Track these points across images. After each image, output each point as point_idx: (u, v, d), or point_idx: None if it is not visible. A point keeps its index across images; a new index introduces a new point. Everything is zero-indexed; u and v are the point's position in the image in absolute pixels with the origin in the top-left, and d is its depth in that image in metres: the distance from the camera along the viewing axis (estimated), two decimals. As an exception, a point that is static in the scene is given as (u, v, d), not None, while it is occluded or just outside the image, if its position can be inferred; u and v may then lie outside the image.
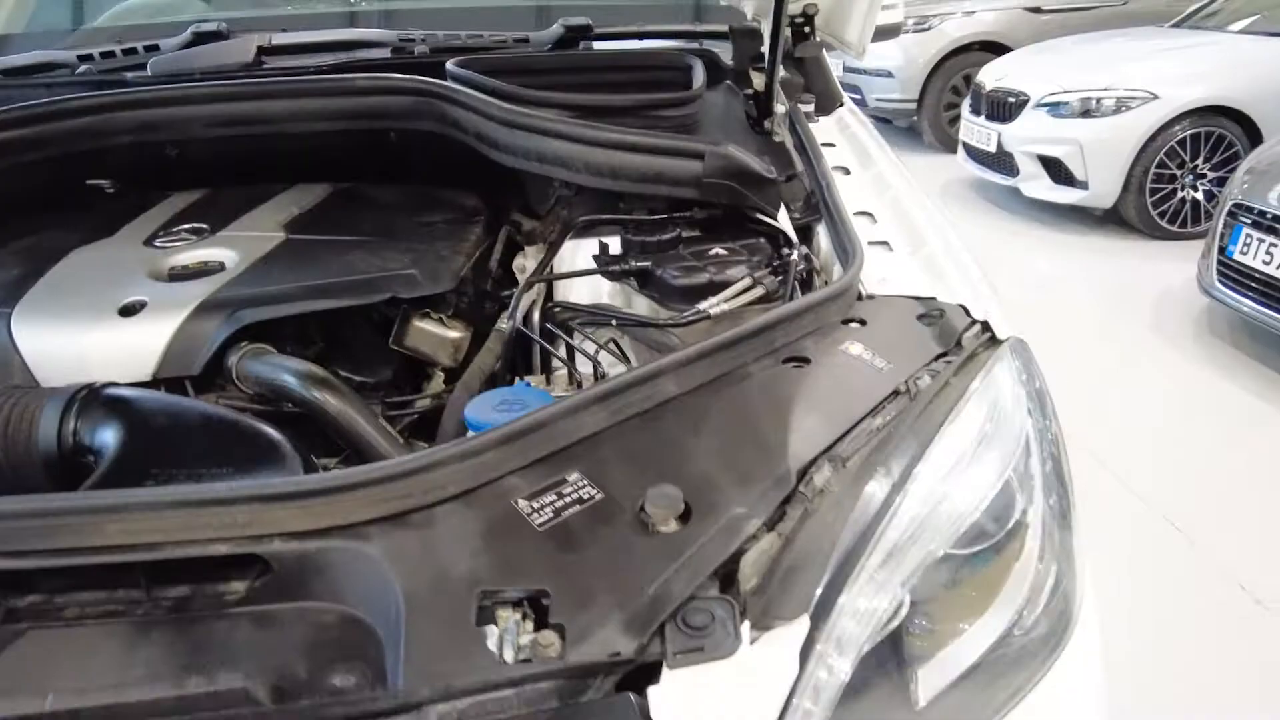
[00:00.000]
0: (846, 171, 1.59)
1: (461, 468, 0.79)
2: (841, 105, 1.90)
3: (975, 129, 6.19)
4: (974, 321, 1.07)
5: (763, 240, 1.36)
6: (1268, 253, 3.63)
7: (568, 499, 0.79)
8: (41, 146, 1.55)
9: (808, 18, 1.71)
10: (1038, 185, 5.73)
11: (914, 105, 7.94)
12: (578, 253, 1.45)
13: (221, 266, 1.33)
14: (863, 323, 1.07)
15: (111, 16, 2.33)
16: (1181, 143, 5.29)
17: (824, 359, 0.99)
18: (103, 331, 1.20)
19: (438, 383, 1.40)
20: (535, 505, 0.78)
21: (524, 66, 1.67)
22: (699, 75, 1.62)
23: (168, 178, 1.68)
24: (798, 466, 0.81)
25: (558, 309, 1.28)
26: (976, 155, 6.28)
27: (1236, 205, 3.86)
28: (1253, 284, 3.71)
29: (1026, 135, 5.68)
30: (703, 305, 1.16)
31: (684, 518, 0.76)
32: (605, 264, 1.36)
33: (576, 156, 1.38)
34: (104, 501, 0.75)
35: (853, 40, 1.71)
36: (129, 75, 1.76)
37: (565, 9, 1.97)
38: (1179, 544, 2.78)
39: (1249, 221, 3.76)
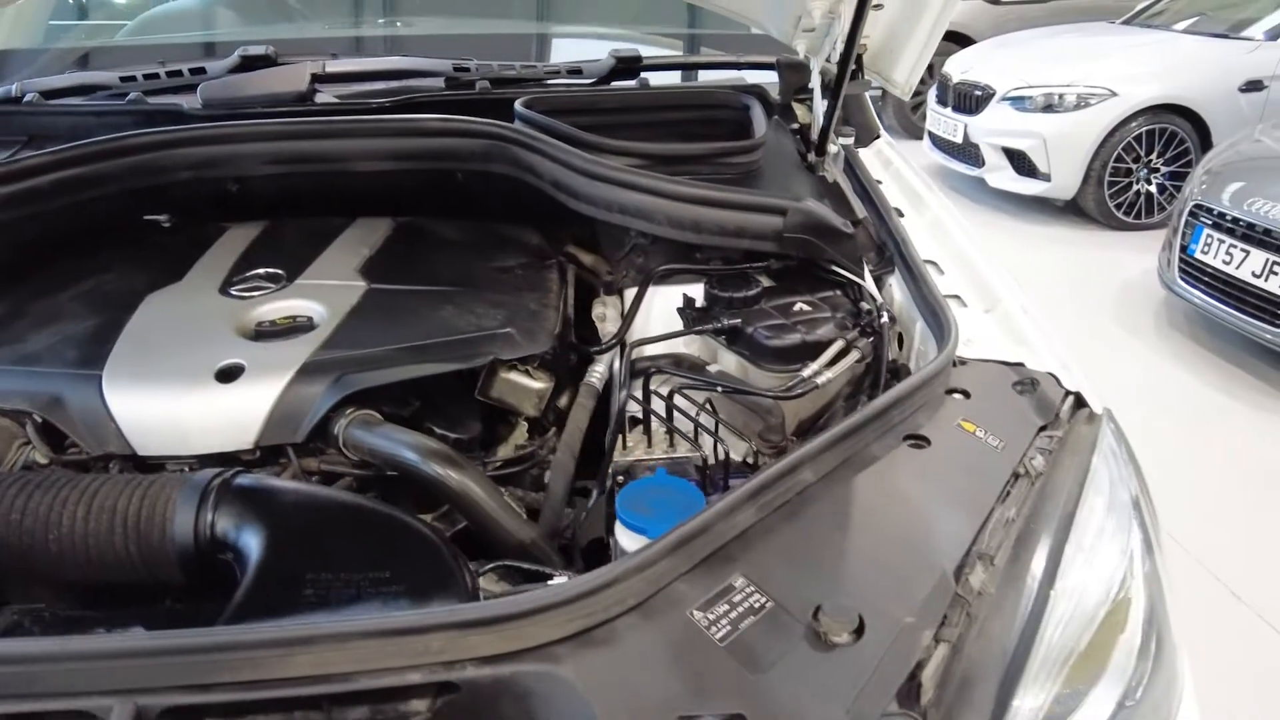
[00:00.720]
0: (900, 214, 1.64)
1: (639, 579, 0.81)
2: (879, 137, 1.95)
3: (942, 120, 6.33)
4: (1068, 393, 1.14)
5: (839, 292, 1.41)
6: (1228, 253, 3.83)
7: (739, 608, 0.81)
8: (102, 183, 1.51)
9: (857, 57, 1.75)
10: (1002, 176, 5.90)
11: (879, 93, 8.04)
12: (654, 301, 1.48)
13: (310, 322, 1.32)
14: (966, 394, 1.13)
15: (135, 30, 2.25)
16: (1138, 138, 5.51)
17: (941, 438, 1.04)
18: (201, 397, 1.18)
19: (521, 433, 1.42)
20: (711, 616, 0.80)
21: (588, 105, 1.67)
22: (760, 120, 1.66)
23: (225, 211, 1.65)
24: (951, 566, 0.86)
25: (653, 369, 1.30)
26: (942, 145, 6.42)
27: (1198, 206, 4.06)
28: (1214, 283, 3.92)
29: (992, 128, 5.84)
30: (806, 373, 1.21)
31: (858, 630, 0.79)
32: (692, 319, 1.40)
33: (659, 210, 1.40)
34: (296, 634, 0.74)
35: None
36: (182, 104, 1.71)
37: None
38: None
39: (1210, 223, 3.96)
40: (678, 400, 1.29)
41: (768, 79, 1.92)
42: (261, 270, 1.44)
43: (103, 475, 1.04)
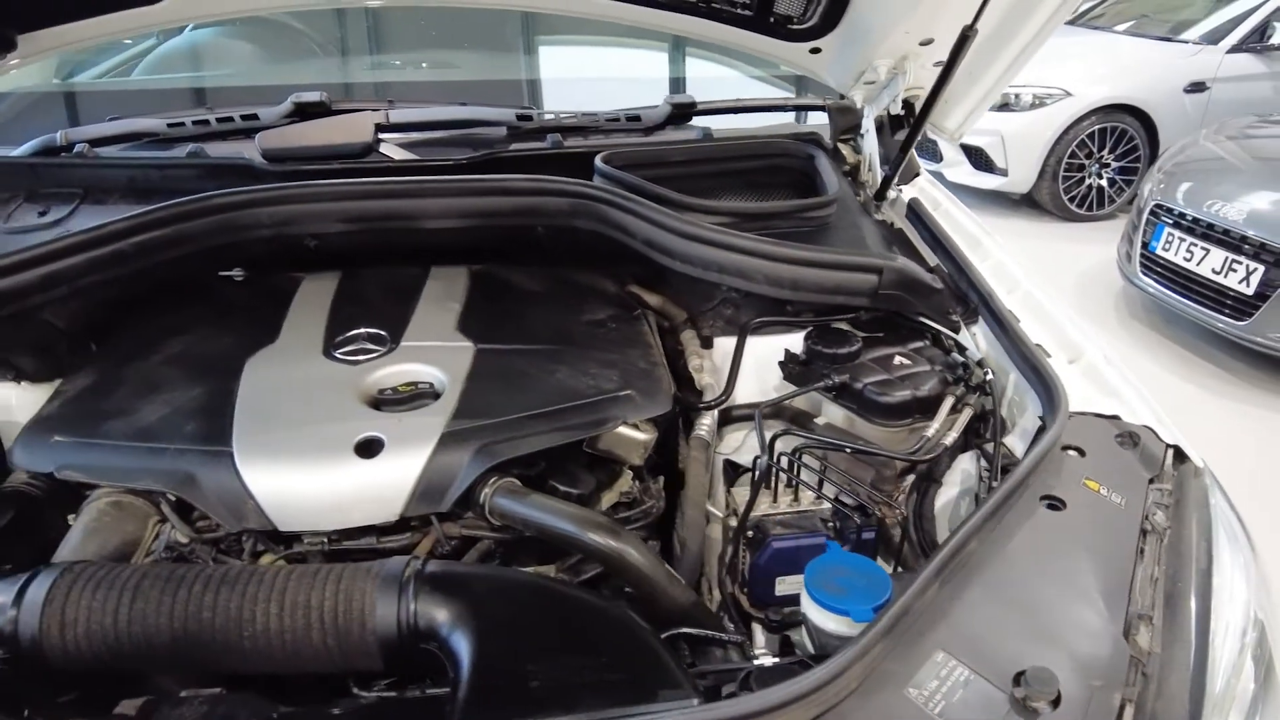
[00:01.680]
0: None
1: (861, 664, 0.87)
2: (918, 175, 2.04)
3: (902, 115, 6.49)
4: (1168, 446, 1.24)
5: (928, 342, 1.49)
6: (1189, 251, 4.06)
7: (947, 682, 0.88)
8: (183, 243, 1.49)
9: (909, 105, 1.83)
10: (960, 171, 6.10)
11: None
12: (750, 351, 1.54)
13: (431, 388, 1.34)
14: (1081, 452, 1.21)
15: (151, 67, 2.19)
16: (1090, 135, 5.76)
17: (1072, 499, 1.13)
18: (344, 473, 1.19)
19: (625, 481, 1.46)
20: (925, 693, 0.87)
21: (662, 159, 1.71)
22: (829, 172, 1.72)
23: (297, 263, 1.64)
24: (1118, 627, 0.95)
25: (782, 432, 1.34)
26: (902, 140, 6.59)
27: (1158, 206, 4.28)
28: (1175, 278, 4.15)
29: (952, 124, 6.02)
30: (929, 433, 1.28)
31: (1057, 699, 0.86)
32: (794, 373, 1.46)
33: (757, 269, 1.45)
34: None
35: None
36: (245, 155, 1.69)
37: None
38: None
39: (1171, 222, 4.19)
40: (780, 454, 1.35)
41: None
42: (363, 331, 1.44)
43: (286, 567, 1.05)
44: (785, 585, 1.28)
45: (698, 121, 1.95)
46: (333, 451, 1.21)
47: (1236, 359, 4.10)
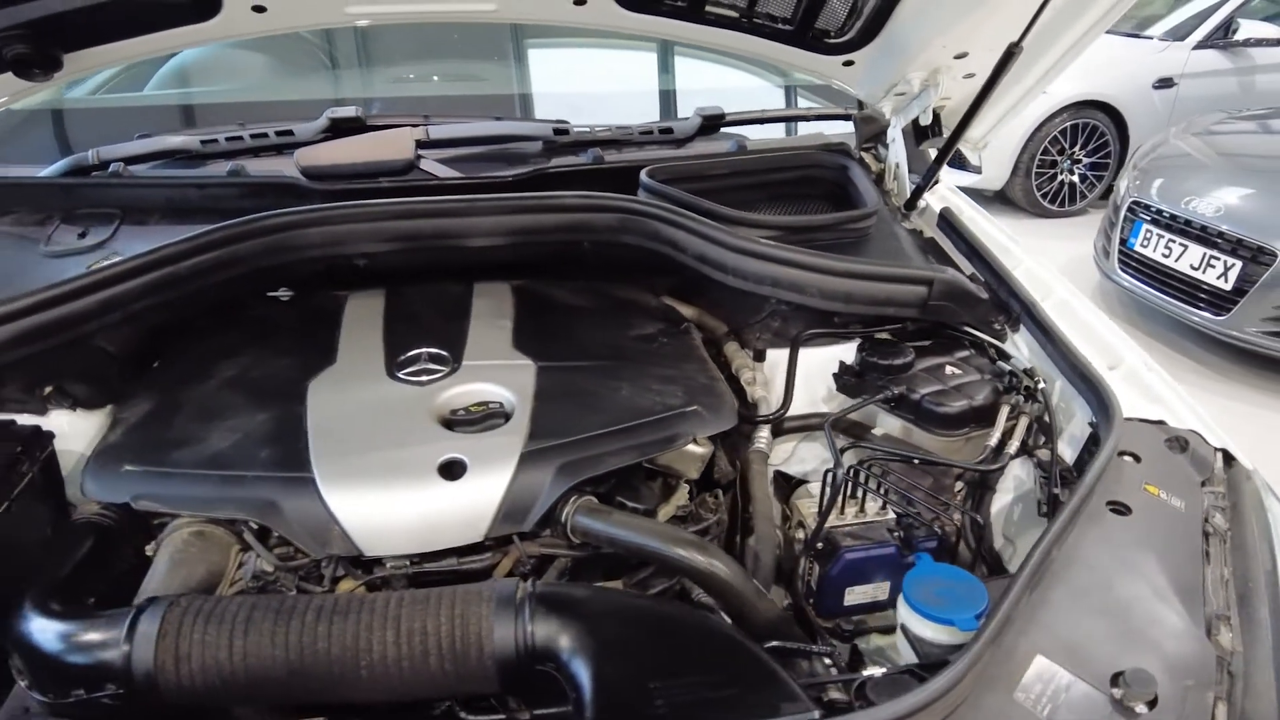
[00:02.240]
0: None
1: (974, 671, 0.91)
2: (938, 183, 2.09)
3: (879, 113, 6.58)
4: (1216, 449, 1.30)
5: (974, 351, 1.54)
6: (1166, 247, 4.19)
7: (1051, 686, 0.92)
8: (235, 264, 1.48)
9: (936, 116, 1.87)
10: (937, 168, 6.21)
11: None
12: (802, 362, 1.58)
13: (501, 408, 1.35)
14: (1137, 457, 1.27)
15: (161, 84, 2.16)
16: (1062, 132, 5.90)
17: (1136, 503, 1.18)
18: (430, 496, 1.20)
19: (682, 494, 1.48)
20: (1031, 696, 0.91)
21: (703, 173, 1.73)
22: (865, 183, 1.76)
23: (342, 283, 1.64)
24: (1201, 629, 1.00)
25: (853, 444, 1.38)
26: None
27: (1135, 202, 4.41)
28: (1154, 273, 4.28)
29: (929, 122, 6.13)
30: (992, 442, 1.33)
31: (1154, 700, 0.90)
32: (847, 383, 1.50)
33: (811, 283, 1.49)
34: None
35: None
36: (284, 172, 1.68)
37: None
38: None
39: (1148, 218, 4.32)
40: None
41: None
42: (425, 351, 1.45)
43: (396, 594, 1.06)
44: (854, 595, 1.32)
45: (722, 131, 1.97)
46: (416, 474, 1.22)
47: (1214, 353, 4.25)
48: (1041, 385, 1.40)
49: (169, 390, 1.41)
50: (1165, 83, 5.88)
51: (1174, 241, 4.15)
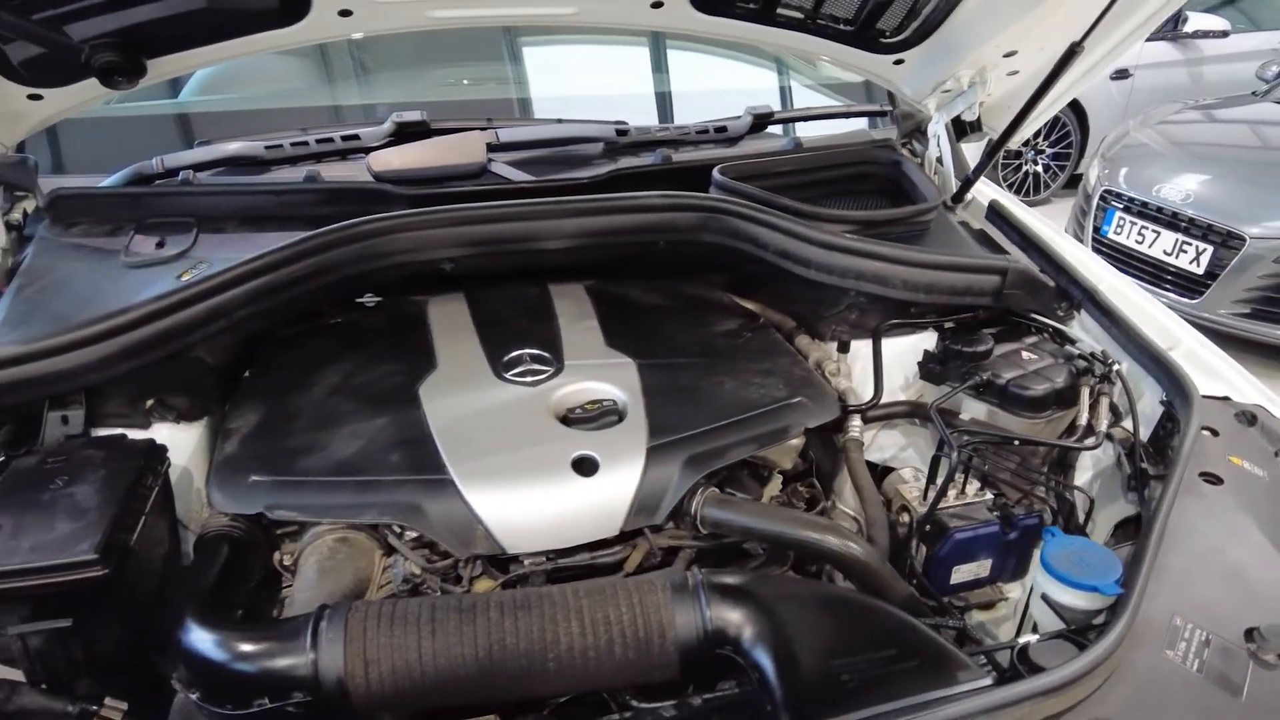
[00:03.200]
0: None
1: (1130, 633, 0.99)
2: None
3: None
4: (1283, 421, 1.40)
5: (1046, 335, 1.62)
6: (1140, 234, 4.39)
7: (1192, 643, 1.01)
8: (329, 271, 1.48)
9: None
10: (908, 160, 6.37)
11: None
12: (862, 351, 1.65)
13: (615, 405, 1.38)
14: (1214, 432, 1.36)
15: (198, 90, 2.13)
16: (1027, 123, 6.09)
17: (1224, 474, 1.27)
18: (567, 492, 1.23)
19: (775, 485, 1.54)
20: (1178, 654, 0.99)
21: (768, 169, 1.78)
22: (920, 178, 1.82)
23: (417, 288, 1.65)
24: None
25: (962, 430, 1.43)
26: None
27: (1108, 191, 4.60)
28: (1128, 260, 4.47)
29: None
30: (1083, 421, 1.41)
31: None
32: (931, 371, 1.57)
33: (895, 275, 1.55)
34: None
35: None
36: (358, 178, 1.68)
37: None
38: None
39: (1120, 206, 4.51)
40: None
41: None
42: (528, 352, 1.47)
43: (572, 586, 1.09)
44: (960, 574, 1.39)
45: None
46: (552, 472, 1.24)
47: (1186, 332, 4.45)
48: (1118, 367, 1.48)
49: (274, 400, 1.41)
50: (1121, 74, 6.11)
51: (1146, 228, 4.34)
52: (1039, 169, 6.26)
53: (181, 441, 1.41)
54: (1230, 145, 4.86)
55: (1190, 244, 4.09)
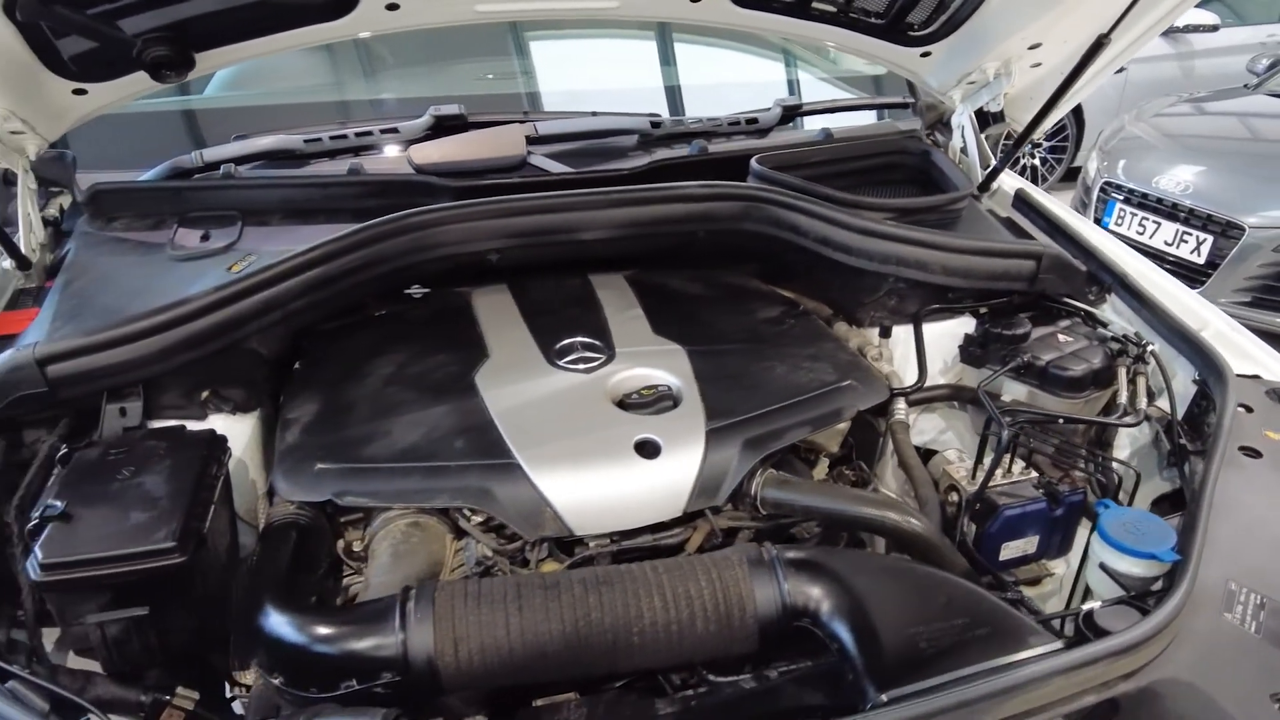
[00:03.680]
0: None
1: (1191, 598, 1.03)
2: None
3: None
4: (1320, 399, 1.44)
5: (1079, 319, 1.65)
6: (1141, 225, 4.45)
7: (1248, 606, 1.04)
8: (381, 262, 1.50)
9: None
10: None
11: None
12: (909, 338, 1.68)
13: (669, 390, 1.41)
14: (1248, 408, 1.40)
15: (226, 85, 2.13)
16: (1022, 117, 6.16)
17: (1262, 448, 1.30)
18: (631, 474, 1.25)
19: (823, 467, 1.57)
20: (1236, 617, 1.03)
21: (801, 160, 1.81)
22: (950, 167, 1.86)
23: (459, 279, 1.67)
24: None
25: (1008, 409, 1.46)
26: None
27: (1108, 183, 4.66)
28: (1127, 251, 4.53)
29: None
30: (1123, 400, 1.44)
31: None
32: (972, 354, 1.60)
33: (935, 261, 1.58)
34: (1007, 683, 0.91)
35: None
36: (400, 171, 1.70)
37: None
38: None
39: (1121, 198, 4.57)
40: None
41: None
42: (579, 340, 1.49)
43: (651, 563, 1.11)
44: (1008, 550, 1.42)
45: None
46: (616, 455, 1.26)
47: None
48: (1153, 348, 1.52)
49: (331, 390, 1.42)
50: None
51: (1147, 219, 4.40)
52: (1036, 162, 6.32)
53: (237, 433, 1.42)
54: (1223, 137, 4.93)
55: (1190, 234, 4.16)
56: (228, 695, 1.27)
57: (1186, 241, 4.18)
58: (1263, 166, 4.33)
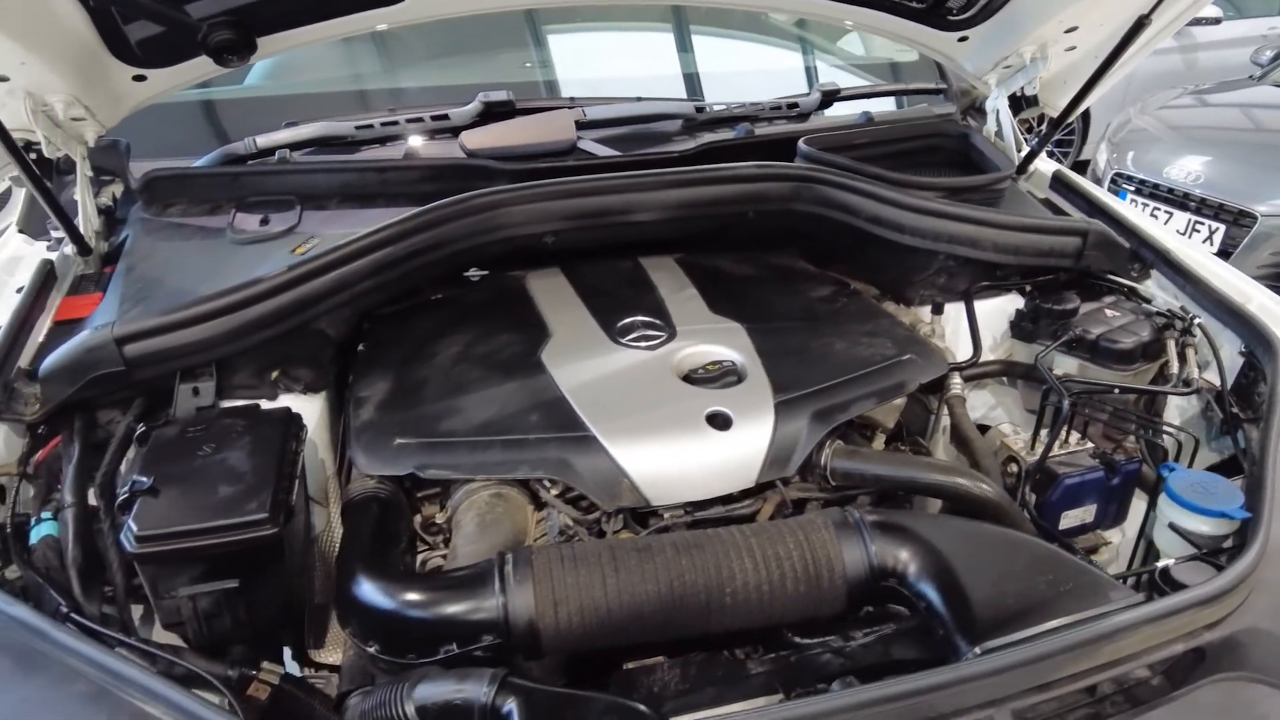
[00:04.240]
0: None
1: (1265, 552, 1.06)
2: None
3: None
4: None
5: (1122, 295, 1.68)
6: (1152, 215, 4.48)
7: None
8: (443, 245, 1.52)
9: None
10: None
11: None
12: (960, 315, 1.70)
13: (734, 366, 1.43)
14: (1298, 379, 1.43)
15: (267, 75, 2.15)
16: (1028, 110, 6.19)
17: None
18: (705, 446, 1.27)
19: (879, 443, 1.59)
20: None
21: (846, 142, 1.83)
22: (992, 150, 1.88)
23: (518, 263, 1.69)
24: None
25: (1068, 380, 1.48)
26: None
27: (1118, 174, 4.70)
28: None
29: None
30: (1174, 369, 1.47)
31: None
32: (1023, 329, 1.63)
33: (986, 238, 1.61)
34: (1097, 631, 0.94)
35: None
36: (453, 157, 1.72)
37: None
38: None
39: (1132, 188, 4.60)
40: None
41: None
42: (640, 319, 1.51)
43: (739, 527, 1.13)
44: (1068, 519, 1.44)
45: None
46: (689, 427, 1.29)
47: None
48: (1200, 321, 1.55)
49: (399, 370, 1.44)
50: (1120, 61, 6.21)
51: (1159, 210, 4.43)
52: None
53: (307, 412, 1.44)
54: (1229, 128, 4.97)
55: (1203, 223, 4.19)
56: (299, 675, 1.29)
57: (1199, 231, 4.21)
58: (1270, 155, 4.37)
